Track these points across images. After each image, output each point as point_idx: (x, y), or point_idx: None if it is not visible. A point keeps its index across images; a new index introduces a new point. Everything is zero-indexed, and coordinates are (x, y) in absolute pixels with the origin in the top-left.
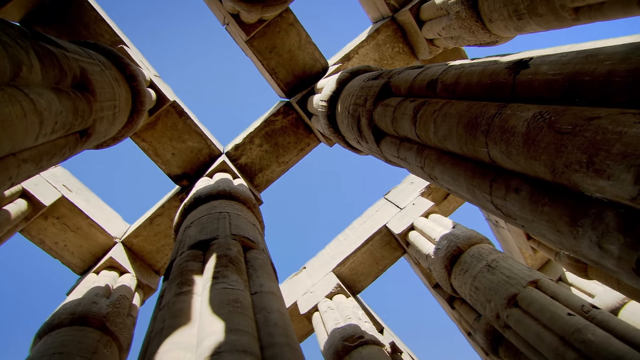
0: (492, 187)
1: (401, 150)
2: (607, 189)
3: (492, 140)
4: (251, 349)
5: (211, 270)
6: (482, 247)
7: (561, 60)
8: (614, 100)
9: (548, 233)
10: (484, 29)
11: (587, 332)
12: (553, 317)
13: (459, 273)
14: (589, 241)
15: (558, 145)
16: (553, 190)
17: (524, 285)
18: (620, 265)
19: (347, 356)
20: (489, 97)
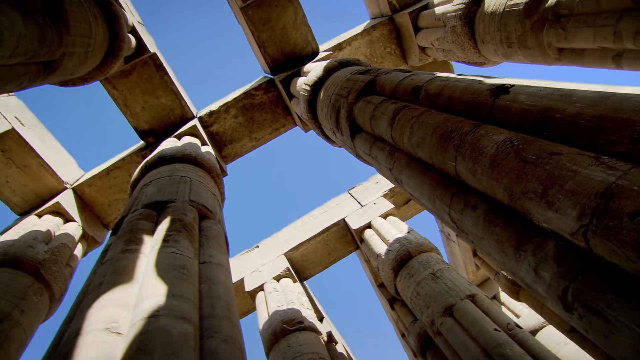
0: (452, 200)
1: (374, 148)
2: (554, 221)
3: (461, 155)
4: (190, 316)
5: (163, 232)
6: (430, 256)
7: (538, 93)
8: (576, 141)
9: (494, 252)
10: (475, 48)
11: (506, 348)
12: (481, 330)
13: (404, 277)
14: (528, 265)
15: (520, 173)
16: (506, 214)
17: (461, 297)
18: (549, 291)
19: (284, 338)
20: (467, 114)
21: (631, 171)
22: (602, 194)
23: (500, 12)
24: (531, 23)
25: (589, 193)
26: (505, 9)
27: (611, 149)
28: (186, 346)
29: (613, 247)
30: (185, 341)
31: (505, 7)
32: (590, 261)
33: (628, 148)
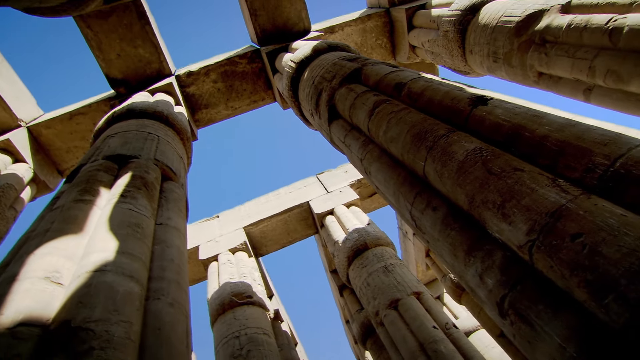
0: (415, 199)
1: (349, 137)
2: (505, 232)
3: (432, 157)
4: (139, 276)
5: (121, 187)
6: (385, 250)
7: (514, 110)
8: (539, 161)
9: (446, 254)
10: (463, 57)
11: (441, 344)
12: (421, 326)
13: (358, 266)
14: (475, 271)
15: (483, 182)
16: (464, 219)
17: (408, 293)
18: (489, 297)
19: (231, 310)
20: (444, 118)
21: (580, 197)
22: (552, 214)
23: (493, 26)
24: (519, 42)
25: (541, 211)
26: (497, 24)
27: (568, 173)
28: (130, 305)
29: (552, 263)
30: (130, 300)
31: (498, 22)
32: (530, 274)
33: (582, 175)
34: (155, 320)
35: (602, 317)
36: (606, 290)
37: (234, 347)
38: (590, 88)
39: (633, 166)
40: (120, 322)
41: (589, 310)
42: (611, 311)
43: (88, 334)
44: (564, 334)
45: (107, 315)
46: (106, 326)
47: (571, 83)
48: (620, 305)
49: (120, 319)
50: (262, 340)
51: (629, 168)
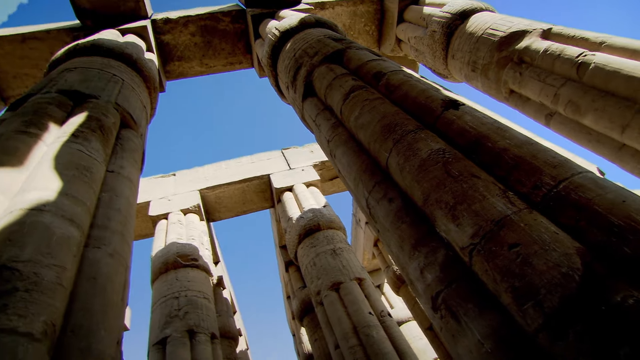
0: (374, 188)
1: (320, 116)
2: (452, 233)
3: (397, 150)
4: (80, 221)
5: (74, 126)
6: (337, 234)
7: (482, 119)
8: (495, 171)
9: (393, 245)
10: (445, 60)
11: (373, 330)
12: (358, 310)
13: (307, 245)
14: (417, 265)
15: (440, 182)
16: (416, 214)
17: (351, 278)
18: (426, 291)
19: (174, 270)
20: (416, 114)
21: (524, 210)
22: (497, 222)
23: (478, 36)
24: (499, 57)
25: (487, 218)
26: (482, 35)
27: (518, 187)
28: (67, 250)
29: (487, 267)
30: (67, 244)
31: (484, 33)
32: (466, 275)
33: (529, 191)
34: (92, 269)
35: (519, 321)
36: (528, 297)
37: (172, 307)
38: (552, 114)
39: (573, 190)
40: (53, 266)
41: (510, 313)
42: (528, 316)
43: (13, 274)
44: (485, 332)
45: (38, 257)
46: (36, 268)
47: (536, 106)
48: (536, 311)
49: (53, 263)
50: (201, 304)
51: (569, 191)
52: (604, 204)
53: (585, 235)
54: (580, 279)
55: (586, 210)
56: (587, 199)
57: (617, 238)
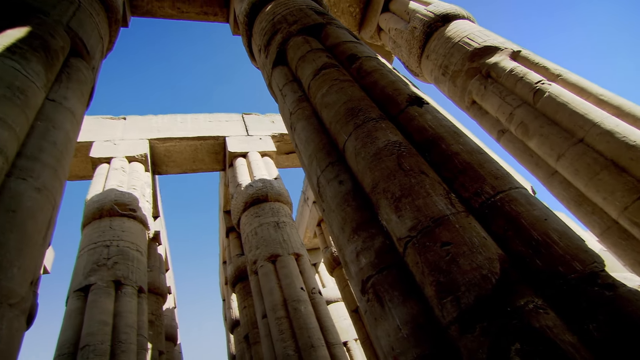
0: (327, 167)
1: (287, 87)
2: (392, 223)
3: (355, 134)
4: (4, 146)
5: (11, 40)
6: (283, 207)
7: (441, 121)
8: (444, 172)
9: (335, 226)
10: (419, 58)
11: (302, 305)
12: (290, 284)
13: (252, 214)
14: (354, 248)
15: (391, 174)
16: (362, 200)
17: (289, 252)
18: (358, 274)
19: (108, 218)
20: (381, 103)
21: (462, 213)
22: (435, 220)
23: (454, 42)
24: (469, 67)
25: (427, 215)
26: (459, 42)
27: (461, 191)
28: None
29: (418, 260)
30: None
31: (460, 41)
32: (398, 264)
33: (470, 196)
34: (13, 201)
35: (437, 312)
36: (449, 292)
37: (101, 255)
38: (504, 131)
39: (507, 202)
40: None
41: (429, 305)
42: (445, 309)
43: None
44: (405, 319)
45: None
46: None
47: (492, 120)
48: (453, 306)
49: None
50: (133, 256)
51: (503, 203)
52: (529, 219)
53: (509, 244)
54: (496, 282)
55: (514, 222)
56: (517, 212)
57: (533, 251)
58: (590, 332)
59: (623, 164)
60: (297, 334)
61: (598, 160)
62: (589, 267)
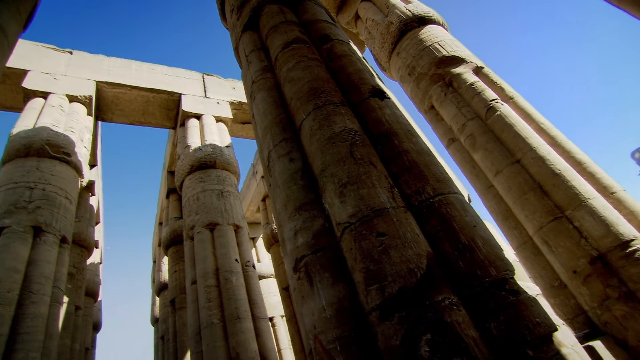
0: (281, 142)
1: (254, 54)
2: (334, 208)
3: (314, 115)
4: None
5: None
6: (230, 176)
7: (399, 118)
8: (391, 167)
9: (279, 202)
10: (390, 54)
11: (234, 276)
12: (225, 254)
13: (197, 178)
14: (294, 226)
15: (342, 159)
16: (309, 180)
17: (229, 222)
18: (293, 252)
19: (37, 158)
20: (344, 89)
21: (401, 208)
22: (375, 211)
23: (425, 46)
24: (434, 72)
25: (369, 204)
26: (429, 46)
27: (404, 187)
28: None
29: (353, 246)
30: None
31: (431, 45)
32: (333, 247)
33: (411, 194)
34: None
35: (362, 298)
36: (376, 280)
37: (22, 196)
38: (454, 140)
39: (444, 205)
40: None
41: (356, 290)
42: (370, 296)
43: None
44: (331, 300)
45: None
46: None
47: (446, 128)
48: (378, 293)
49: None
50: (60, 203)
51: (440, 205)
52: (461, 223)
53: (439, 243)
54: (420, 277)
55: (447, 224)
56: (451, 215)
57: (459, 253)
58: (491, 329)
59: (547, 188)
60: (224, 304)
61: (528, 181)
62: (501, 274)
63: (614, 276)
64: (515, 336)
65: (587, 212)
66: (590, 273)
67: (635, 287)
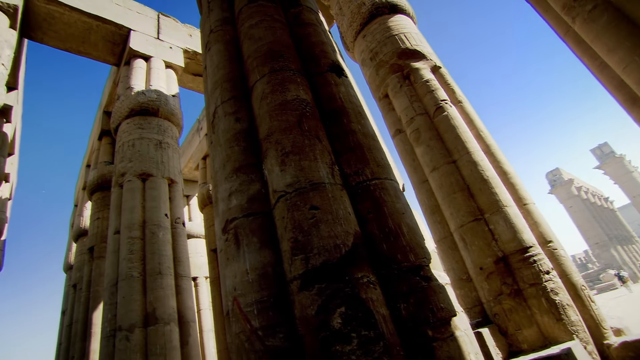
0: (230, 100)
1: (217, 2)
2: (273, 175)
3: (269, 78)
4: None
5: None
6: (172, 128)
7: (352, 97)
8: (336, 144)
9: (218, 162)
10: (356, 34)
11: (161, 231)
12: (155, 207)
13: (136, 124)
14: (230, 187)
15: (289, 128)
16: (252, 144)
17: (164, 175)
18: (224, 214)
19: None
20: (304, 58)
21: (338, 185)
22: (313, 184)
23: (392, 34)
24: (395, 62)
25: (307, 176)
26: (395, 35)
27: (345, 166)
28: None
29: (285, 215)
30: None
31: (397, 35)
32: (265, 214)
33: (350, 174)
34: None
35: (285, 267)
36: (302, 251)
37: None
38: (401, 131)
39: (379, 189)
40: None
41: (281, 258)
42: (294, 265)
43: None
44: (255, 265)
45: None
46: None
47: (395, 118)
48: (302, 264)
49: None
50: None
51: (376, 189)
52: (391, 209)
53: (367, 224)
54: (344, 253)
55: (378, 208)
56: (383, 200)
57: (384, 236)
58: (401, 310)
59: (474, 191)
60: (147, 258)
61: (459, 182)
62: (419, 260)
63: (510, 276)
64: (420, 317)
65: (502, 218)
66: (493, 271)
67: (524, 287)
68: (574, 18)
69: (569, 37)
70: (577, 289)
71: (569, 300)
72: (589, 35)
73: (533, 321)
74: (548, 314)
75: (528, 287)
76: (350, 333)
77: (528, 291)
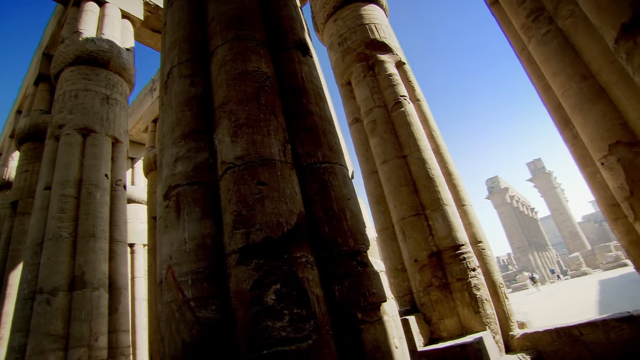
0: (187, 62)
1: None
2: (224, 145)
3: (232, 45)
4: None
5: None
6: (122, 84)
7: (314, 78)
8: (291, 123)
9: (166, 125)
10: (328, 16)
11: (99, 192)
12: (95, 166)
13: (81, 74)
14: (176, 152)
15: (245, 100)
16: (206, 110)
17: (107, 133)
18: (167, 179)
19: None
20: (270, 30)
21: (288, 164)
22: (263, 160)
23: (363, 23)
24: (362, 51)
25: (259, 151)
26: (367, 24)
27: (297, 146)
28: None
29: (231, 187)
30: None
31: (368, 24)
32: (210, 184)
33: (302, 154)
34: None
35: (225, 239)
36: (244, 225)
37: None
38: (359, 120)
39: (329, 173)
40: None
41: (222, 230)
42: (234, 239)
43: None
44: (194, 235)
45: None
46: None
47: (354, 107)
48: (242, 238)
49: None
50: None
51: (325, 172)
52: (338, 193)
53: (313, 206)
54: (286, 232)
55: (325, 191)
56: (331, 184)
57: (328, 219)
58: (334, 291)
59: (419, 187)
60: (80, 218)
61: (406, 177)
62: (358, 246)
63: (441, 270)
64: (352, 300)
65: (441, 215)
66: (427, 264)
67: (451, 281)
68: (530, 38)
69: (523, 55)
70: (496, 286)
71: (487, 296)
72: (539, 56)
73: (455, 312)
74: (468, 306)
75: (455, 281)
76: (282, 310)
77: (454, 285)
